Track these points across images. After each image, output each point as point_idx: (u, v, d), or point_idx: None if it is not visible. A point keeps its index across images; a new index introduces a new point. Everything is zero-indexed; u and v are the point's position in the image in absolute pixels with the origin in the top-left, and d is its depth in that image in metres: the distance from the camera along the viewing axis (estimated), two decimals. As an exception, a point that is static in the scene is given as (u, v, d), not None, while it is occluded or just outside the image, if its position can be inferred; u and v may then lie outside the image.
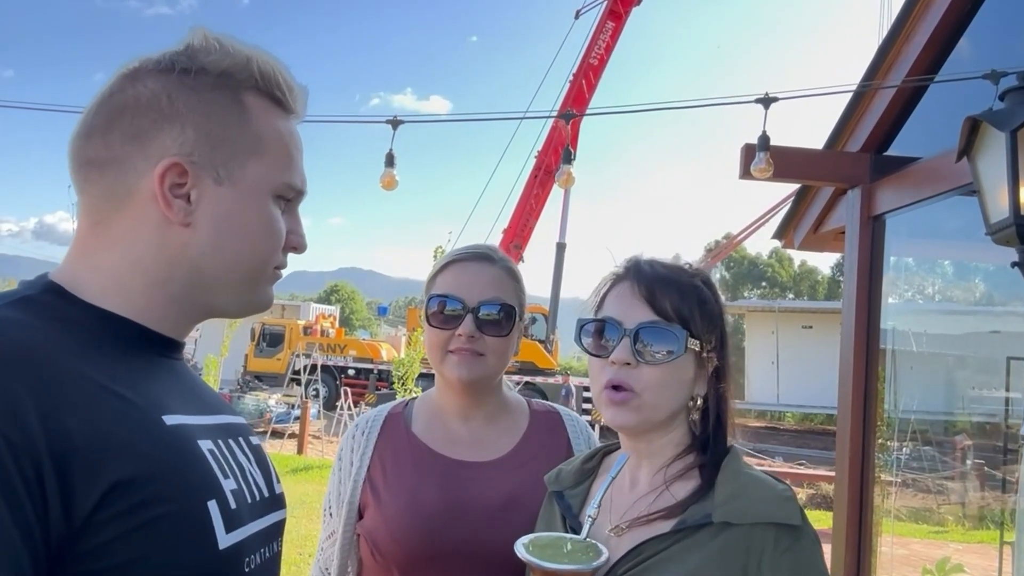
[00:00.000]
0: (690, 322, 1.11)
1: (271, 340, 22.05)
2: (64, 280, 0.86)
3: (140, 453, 0.73)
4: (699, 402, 1.17)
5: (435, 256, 9.61)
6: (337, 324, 25.93)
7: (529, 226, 18.39)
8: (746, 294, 47.37)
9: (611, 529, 1.12)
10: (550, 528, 1.22)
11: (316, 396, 16.28)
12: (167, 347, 0.92)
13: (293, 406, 14.69)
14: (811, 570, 1.01)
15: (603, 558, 0.97)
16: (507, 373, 1.55)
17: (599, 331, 1.15)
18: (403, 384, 11.15)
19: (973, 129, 2.10)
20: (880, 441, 3.54)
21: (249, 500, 0.88)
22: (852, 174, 3.44)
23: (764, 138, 3.07)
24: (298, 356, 18.19)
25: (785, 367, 19.73)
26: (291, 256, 1.00)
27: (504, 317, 1.44)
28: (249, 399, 15.41)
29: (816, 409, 19.59)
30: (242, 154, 0.90)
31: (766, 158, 3.05)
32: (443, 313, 1.44)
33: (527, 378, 18.30)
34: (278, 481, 1.03)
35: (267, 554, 0.91)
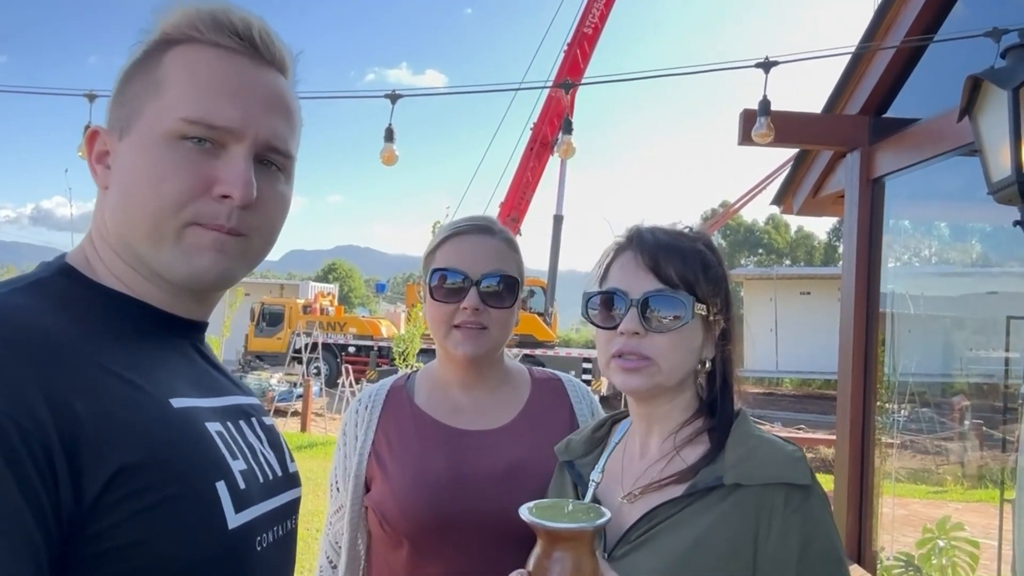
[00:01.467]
0: (695, 287, 1.12)
1: (271, 320, 22.06)
2: (78, 261, 0.86)
3: (146, 437, 0.73)
4: (707, 365, 1.18)
5: (433, 231, 9.55)
6: (336, 302, 25.94)
7: (526, 199, 18.32)
8: (743, 262, 47.43)
9: (623, 496, 1.14)
10: (562, 496, 1.24)
11: (317, 374, 16.32)
12: (179, 327, 0.91)
13: (295, 384, 14.74)
14: (821, 528, 1.02)
15: (605, 518, 0.98)
16: (506, 347, 1.55)
17: (606, 303, 1.15)
18: (404, 360, 11.18)
19: (975, 88, 2.08)
20: (879, 404, 3.57)
21: (261, 480, 0.88)
22: (851, 137, 3.42)
23: (765, 102, 3.05)
24: (298, 335, 18.21)
25: (784, 334, 19.80)
26: (288, 235, 0.95)
27: (507, 289, 1.44)
28: (251, 379, 15.45)
29: (815, 375, 19.71)
30: (141, 103, 0.83)
31: (767, 122, 3.03)
32: (446, 287, 1.43)
33: (526, 351, 18.35)
34: (292, 460, 1.03)
35: (280, 532, 0.91)
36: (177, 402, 0.81)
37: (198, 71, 0.83)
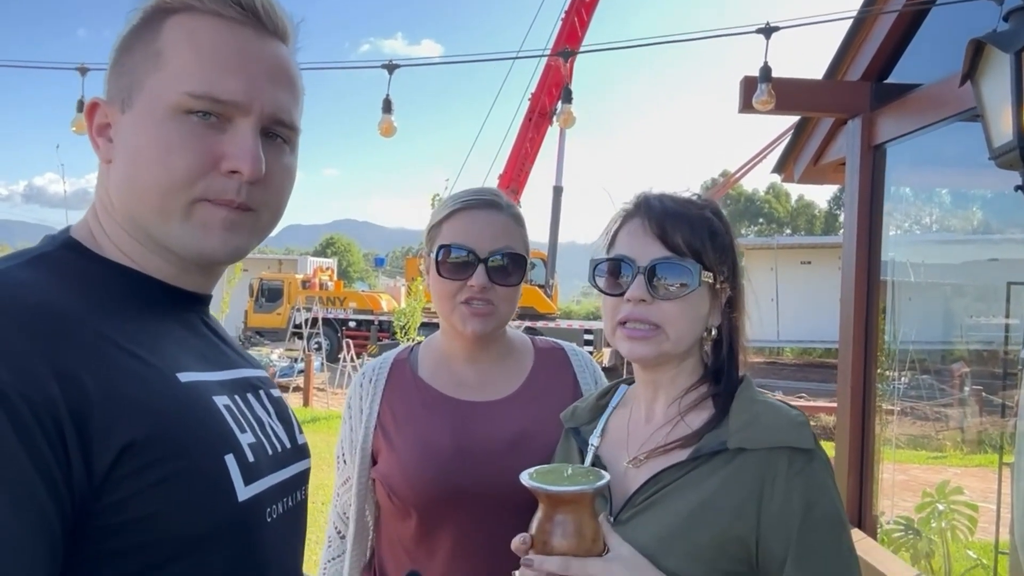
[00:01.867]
0: (703, 255, 1.12)
1: (270, 295, 22.06)
2: (83, 235, 0.86)
3: (154, 412, 0.74)
4: (712, 332, 1.18)
5: (432, 204, 9.52)
6: (335, 277, 25.93)
7: (525, 170, 18.20)
8: (743, 231, 47.35)
9: (629, 461, 1.15)
10: (569, 462, 1.25)
11: (318, 349, 16.39)
12: (185, 301, 0.91)
13: (296, 360, 14.80)
14: (823, 491, 1.03)
15: (604, 480, 0.99)
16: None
17: (612, 270, 1.16)
18: (405, 334, 11.20)
19: (977, 52, 2.05)
20: (879, 372, 3.58)
21: (270, 452, 0.89)
22: (852, 103, 3.38)
23: (766, 69, 3.01)
24: (298, 310, 18.24)
25: (785, 303, 19.83)
26: (286, 210, 0.92)
27: (513, 266, 1.44)
28: (252, 354, 15.52)
29: (816, 344, 19.77)
30: (142, 75, 0.82)
31: (768, 89, 3.00)
32: (453, 263, 1.42)
33: (527, 323, 18.38)
34: (301, 432, 1.03)
35: (290, 503, 0.92)
36: (184, 376, 0.81)
37: (201, 43, 0.81)
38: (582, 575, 0.97)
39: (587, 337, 17.95)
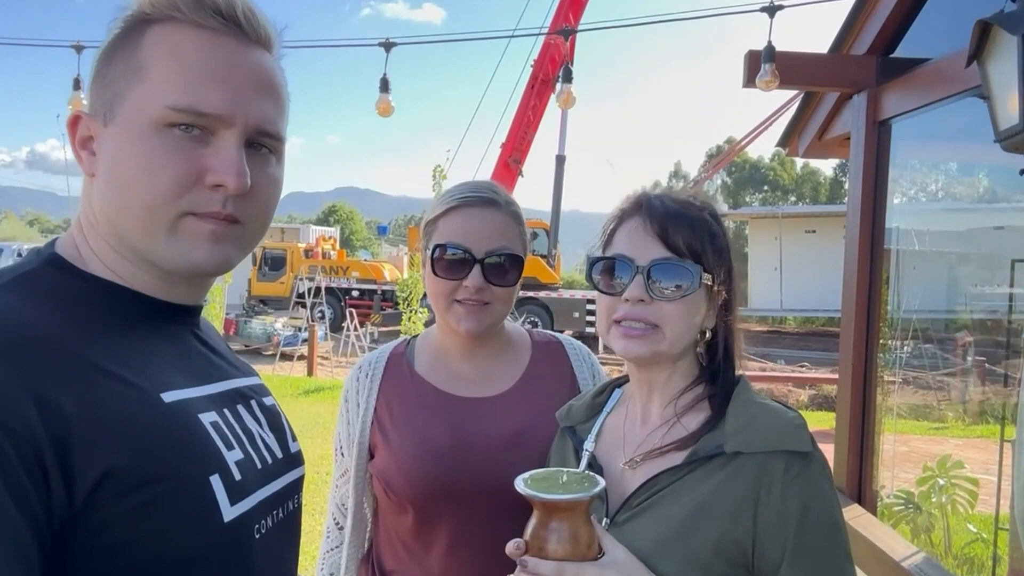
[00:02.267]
0: (702, 256, 1.11)
1: (273, 264, 22.06)
2: (67, 251, 0.85)
3: (136, 436, 0.73)
4: (707, 334, 1.18)
5: (434, 176, 9.45)
6: (338, 245, 25.90)
7: (528, 139, 18.00)
8: (748, 199, 47.05)
9: (625, 463, 1.15)
10: (564, 462, 1.26)
11: (322, 318, 16.43)
12: (174, 314, 0.89)
13: (300, 329, 14.85)
14: (820, 494, 1.03)
15: (599, 487, 0.99)
16: None
17: (611, 269, 1.14)
18: (408, 305, 11.22)
19: (984, 33, 2.01)
20: (882, 342, 3.57)
21: (259, 466, 0.89)
22: (858, 78, 3.33)
23: (770, 49, 2.96)
24: (301, 279, 18.25)
25: (788, 272, 19.77)
26: (287, 177, 0.91)
27: (510, 265, 1.42)
28: (256, 323, 15.57)
29: (819, 313, 19.74)
30: (123, 87, 0.80)
31: (771, 70, 2.95)
32: (448, 262, 1.40)
33: (530, 293, 18.38)
34: (294, 439, 1.03)
35: (281, 514, 0.92)
36: (170, 395, 0.80)
37: (182, 55, 0.80)
38: None
39: (589, 307, 17.96)
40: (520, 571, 1.00)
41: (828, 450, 3.66)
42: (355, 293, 20.65)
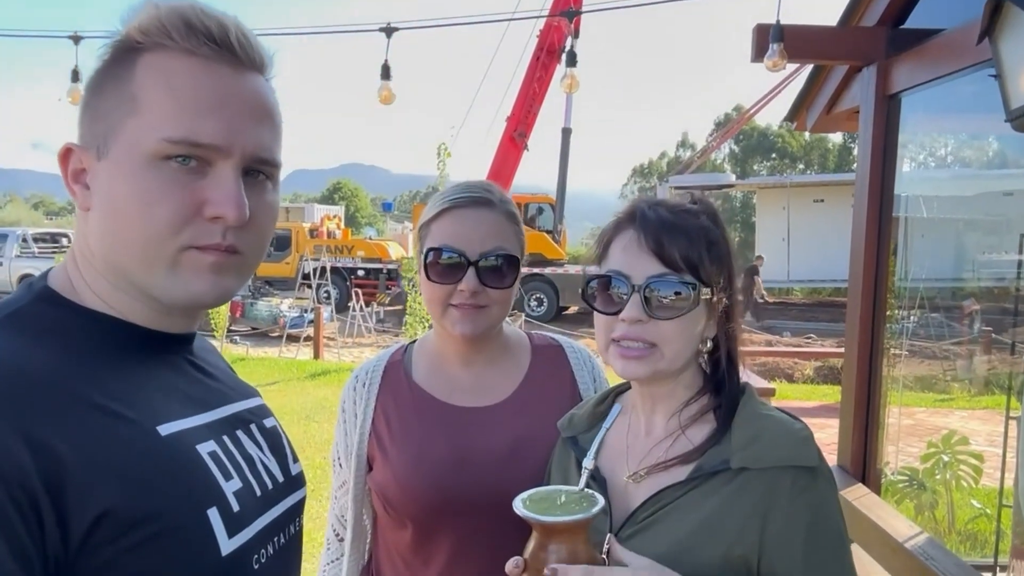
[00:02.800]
0: (700, 268, 1.07)
1: (278, 244, 21.97)
2: (60, 284, 0.83)
3: (131, 475, 0.72)
4: (708, 344, 1.14)
5: (439, 153, 9.36)
6: (343, 224, 25.84)
7: (533, 112, 17.79)
8: (756, 168, 46.70)
9: (629, 476, 1.13)
10: (565, 473, 1.23)
11: (328, 298, 16.44)
12: (168, 343, 0.88)
13: (306, 310, 14.86)
14: (827, 509, 1.02)
15: (597, 507, 0.97)
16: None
17: (605, 285, 1.11)
18: (413, 285, 11.20)
19: (996, 9, 1.95)
20: (889, 313, 3.53)
21: (259, 493, 0.87)
22: (867, 50, 3.26)
23: (778, 28, 2.88)
24: (306, 260, 18.23)
25: (796, 242, 19.64)
26: (290, 155, 0.89)
27: (507, 267, 1.38)
28: (262, 305, 15.58)
29: (827, 283, 19.66)
30: (116, 120, 0.79)
31: (779, 50, 2.88)
32: (442, 266, 1.36)
33: (535, 269, 18.33)
34: (295, 460, 1.02)
35: (282, 540, 0.91)
36: (166, 428, 0.79)
37: (176, 85, 0.78)
38: None
39: (595, 282, 17.81)
40: None
41: (834, 424, 3.65)
42: (360, 273, 20.64)
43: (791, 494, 1.00)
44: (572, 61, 3.74)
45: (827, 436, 6.80)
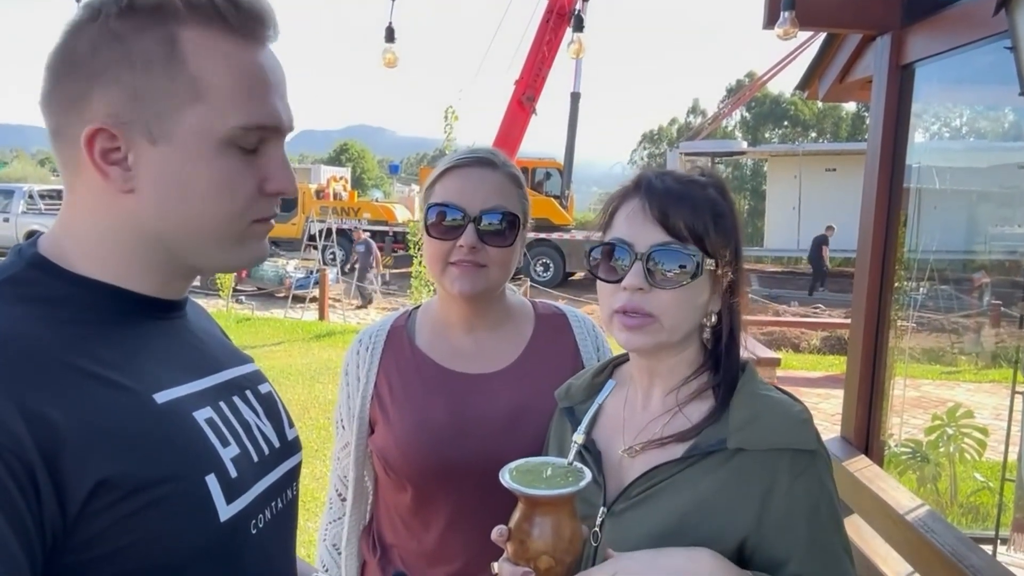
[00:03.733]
0: (705, 240, 1.06)
1: (284, 205, 21.43)
2: (50, 250, 0.82)
3: (129, 442, 0.72)
4: (712, 318, 1.13)
5: (446, 116, 9.30)
6: (349, 185, 25.74)
7: (542, 76, 17.55)
8: (767, 135, 46.16)
9: (624, 450, 1.12)
10: (561, 443, 1.23)
11: (333, 260, 16.45)
12: (162, 309, 0.87)
13: (312, 271, 14.89)
14: (826, 493, 1.02)
15: (584, 482, 0.98)
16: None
17: (608, 254, 1.09)
18: (419, 248, 11.19)
19: (1016, -23, 1.89)
20: (897, 285, 3.51)
21: (256, 459, 0.88)
22: (882, 19, 3.18)
23: (790, -6, 2.81)
24: (312, 221, 18.20)
25: (807, 212, 19.48)
26: (298, 116, 0.90)
27: (507, 226, 1.37)
28: (268, 266, 15.61)
29: (836, 253, 19.53)
30: (175, 105, 0.78)
31: (791, 18, 2.82)
32: (443, 223, 1.36)
33: (542, 235, 18.27)
34: (291, 425, 1.02)
35: (279, 505, 0.92)
36: (162, 395, 0.79)
37: (234, 69, 0.80)
38: None
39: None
40: (505, 559, 1.00)
41: (839, 395, 3.64)
42: (366, 235, 20.62)
43: (790, 478, 0.99)
44: (579, 26, 3.68)
45: (831, 406, 6.84)
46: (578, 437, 1.10)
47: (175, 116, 0.78)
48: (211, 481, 0.78)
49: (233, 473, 0.82)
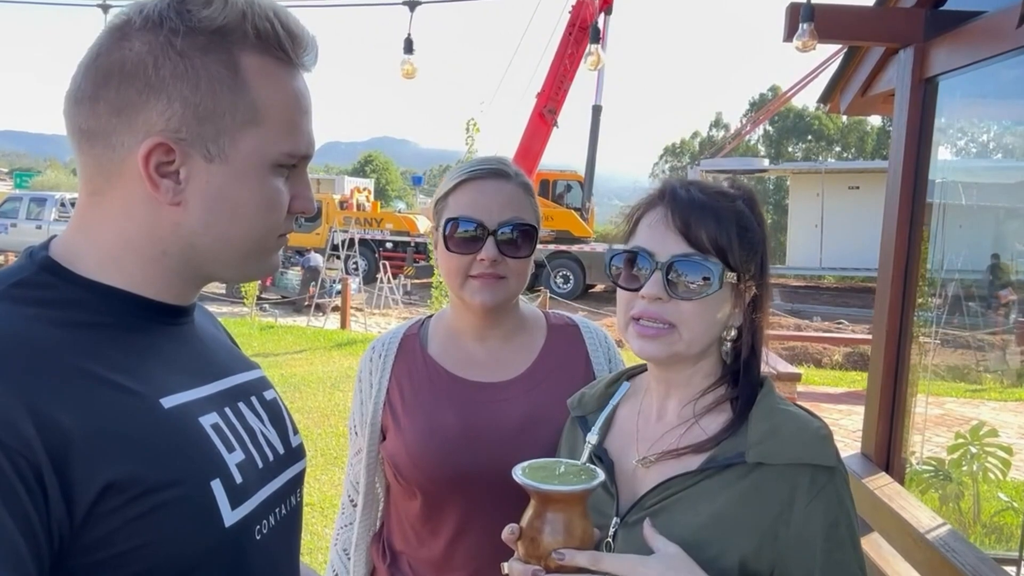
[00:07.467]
0: (728, 253, 1.04)
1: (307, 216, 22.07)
2: (62, 254, 0.83)
3: (136, 446, 0.73)
4: (732, 332, 1.11)
5: (467, 129, 9.36)
6: (372, 196, 25.93)
7: (563, 89, 17.58)
8: (790, 150, 45.81)
9: (639, 460, 1.11)
10: (573, 453, 1.23)
11: (356, 270, 16.57)
12: (171, 314, 0.89)
13: (334, 281, 15.00)
14: (843, 510, 1.00)
15: (596, 481, 0.97)
16: (542, 242, 1.50)
17: (630, 261, 1.09)
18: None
19: (1041, -11, 1.87)
20: (920, 301, 3.47)
21: (260, 465, 0.89)
22: (905, 32, 3.16)
23: (808, 7, 2.81)
24: (336, 231, 18.36)
25: (829, 230, 19.25)
26: (323, 127, 0.94)
27: (524, 237, 1.38)
28: (292, 274, 15.79)
29: (860, 272, 19.26)
30: (235, 127, 0.81)
31: (810, 30, 2.81)
32: (461, 237, 1.37)
33: (563, 247, 18.24)
34: (296, 432, 1.03)
35: (283, 511, 0.92)
36: (169, 400, 0.80)
37: (288, 99, 0.85)
38: (613, 568, 0.95)
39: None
40: (513, 563, 1.00)
41: (860, 411, 3.58)
42: (389, 245, 20.74)
43: (809, 494, 0.98)
44: (596, 38, 3.69)
45: (853, 423, 6.74)
46: (591, 438, 1.10)
47: (233, 137, 0.82)
48: (216, 486, 0.79)
49: (238, 479, 0.82)
